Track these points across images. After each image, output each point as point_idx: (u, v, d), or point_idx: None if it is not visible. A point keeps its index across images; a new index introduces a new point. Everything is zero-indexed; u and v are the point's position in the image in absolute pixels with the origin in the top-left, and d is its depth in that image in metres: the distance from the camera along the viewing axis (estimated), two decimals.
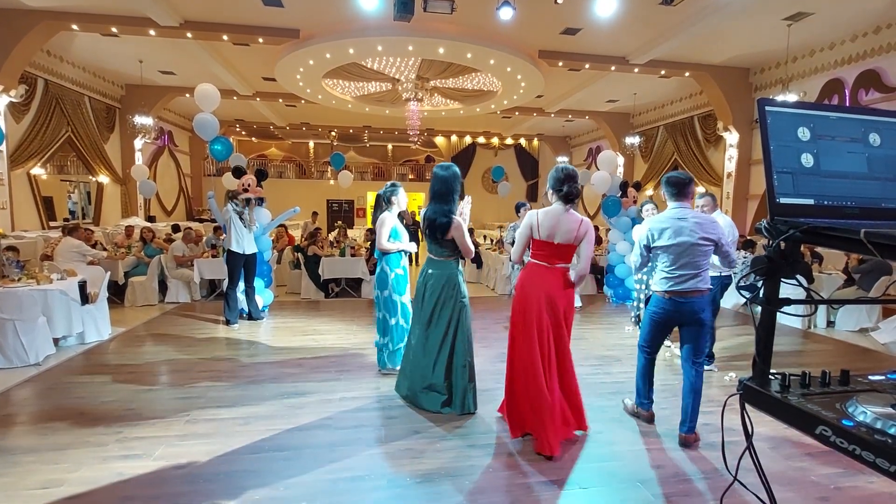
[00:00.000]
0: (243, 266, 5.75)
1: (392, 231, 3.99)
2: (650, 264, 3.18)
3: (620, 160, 14.18)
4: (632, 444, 3.00)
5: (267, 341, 5.23)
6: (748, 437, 0.97)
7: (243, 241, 5.68)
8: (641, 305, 5.53)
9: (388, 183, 4.14)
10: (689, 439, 2.97)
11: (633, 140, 12.97)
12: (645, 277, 5.38)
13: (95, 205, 11.75)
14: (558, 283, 2.90)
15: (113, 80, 11.77)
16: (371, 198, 17.93)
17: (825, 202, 1.05)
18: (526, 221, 2.97)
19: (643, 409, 3.30)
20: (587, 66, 9.76)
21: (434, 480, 2.55)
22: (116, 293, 6.82)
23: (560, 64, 9.60)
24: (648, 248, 3.06)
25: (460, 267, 3.45)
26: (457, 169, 3.43)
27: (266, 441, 2.96)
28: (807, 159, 1.06)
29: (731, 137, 10.40)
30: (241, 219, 5.64)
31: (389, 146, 21.40)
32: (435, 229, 3.31)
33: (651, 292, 3.17)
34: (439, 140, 19.64)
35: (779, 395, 0.88)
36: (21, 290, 4.40)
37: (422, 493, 2.45)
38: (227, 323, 5.75)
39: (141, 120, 10.76)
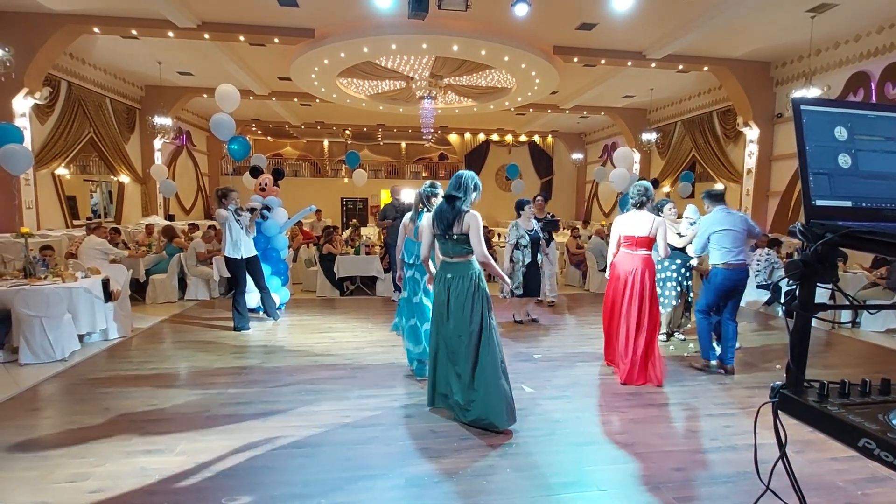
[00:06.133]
0: (246, 269, 5.54)
1: None
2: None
3: (636, 157, 13.98)
4: (652, 446, 2.96)
5: (284, 339, 5.28)
6: (781, 446, 0.95)
7: (241, 245, 5.42)
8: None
9: (428, 182, 3.94)
10: (733, 369, 4.19)
11: (649, 136, 12.78)
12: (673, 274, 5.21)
13: (117, 204, 12.00)
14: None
15: (133, 81, 11.99)
16: (385, 196, 17.98)
17: (863, 204, 1.02)
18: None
19: (709, 360, 4.28)
20: (603, 61, 9.63)
21: (452, 480, 2.55)
22: (138, 290, 6.96)
23: (575, 60, 9.49)
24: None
25: (479, 268, 3.21)
26: (464, 174, 3.18)
27: (284, 438, 2.99)
28: (844, 160, 1.03)
29: (751, 133, 10.18)
30: (237, 220, 5.40)
31: (403, 144, 21.42)
32: (446, 220, 3.09)
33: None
34: (453, 138, 19.59)
35: (817, 405, 0.85)
36: (47, 287, 4.51)
37: (440, 492, 2.45)
38: (238, 330, 5.48)
39: (160, 120, 10.95)
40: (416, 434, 3.08)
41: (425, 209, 3.90)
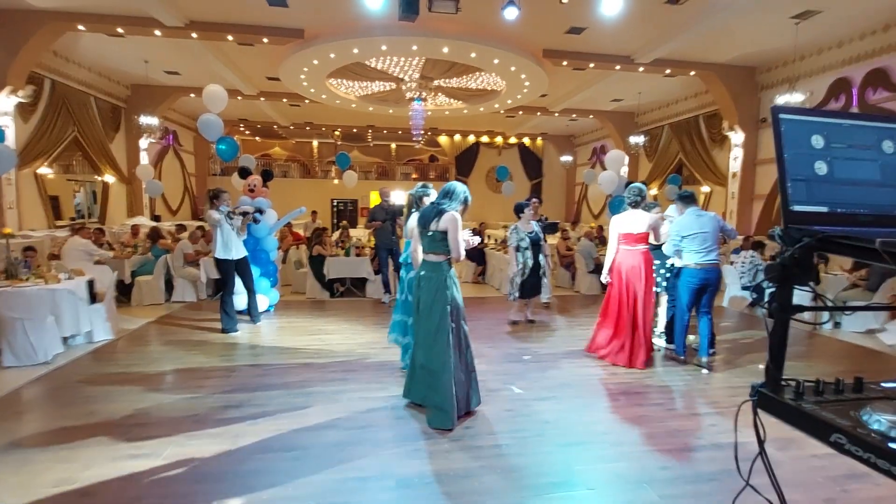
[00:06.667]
0: (236, 271, 5.51)
1: None
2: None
3: (626, 159, 14.15)
4: (639, 445, 3.01)
5: (273, 341, 5.25)
6: (761, 443, 0.98)
7: (232, 246, 5.39)
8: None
9: (420, 184, 4.04)
10: (709, 363, 4.42)
11: (637, 139, 12.93)
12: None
13: (101, 204, 11.82)
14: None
15: (119, 80, 11.82)
16: (375, 197, 17.95)
17: (839, 210, 1.06)
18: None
19: (681, 355, 4.58)
20: (592, 65, 9.74)
21: (442, 481, 2.57)
22: (123, 292, 6.87)
23: (564, 63, 9.58)
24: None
25: (451, 270, 3.34)
26: (455, 187, 3.34)
27: (274, 441, 2.98)
28: (820, 167, 1.07)
29: (737, 137, 10.36)
30: (229, 222, 5.36)
31: (393, 145, 21.39)
32: (428, 217, 3.25)
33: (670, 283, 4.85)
34: (443, 139, 19.63)
35: (793, 402, 0.88)
36: (29, 289, 4.44)
37: (430, 493, 2.46)
38: (225, 332, 5.41)
39: (146, 120, 10.81)
40: (407, 435, 3.09)
41: (417, 210, 3.94)
